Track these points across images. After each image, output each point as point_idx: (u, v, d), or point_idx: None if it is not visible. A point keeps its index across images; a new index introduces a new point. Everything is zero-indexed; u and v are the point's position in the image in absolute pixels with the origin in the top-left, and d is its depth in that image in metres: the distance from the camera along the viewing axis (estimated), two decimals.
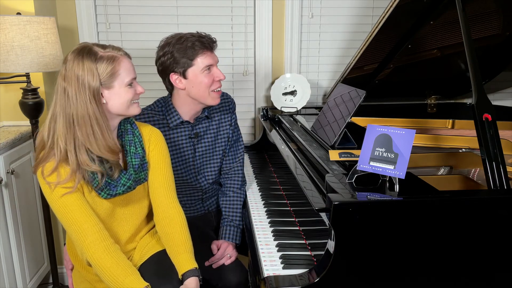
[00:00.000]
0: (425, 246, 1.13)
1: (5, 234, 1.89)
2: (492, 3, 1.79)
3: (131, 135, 1.42)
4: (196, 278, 1.35)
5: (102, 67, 1.26)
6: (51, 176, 1.27)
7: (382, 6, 2.46)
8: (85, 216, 1.29)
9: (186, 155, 1.74)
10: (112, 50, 1.30)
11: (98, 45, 1.31)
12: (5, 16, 1.80)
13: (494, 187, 1.20)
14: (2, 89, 2.15)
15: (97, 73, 1.25)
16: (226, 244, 1.63)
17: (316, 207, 1.19)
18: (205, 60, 1.60)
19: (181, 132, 1.72)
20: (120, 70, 1.29)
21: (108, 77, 1.27)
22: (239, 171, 1.85)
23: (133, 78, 1.34)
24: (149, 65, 2.43)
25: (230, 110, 1.83)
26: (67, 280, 2.45)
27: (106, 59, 1.27)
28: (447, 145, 1.92)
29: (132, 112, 1.36)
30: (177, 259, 1.39)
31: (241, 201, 1.79)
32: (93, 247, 1.28)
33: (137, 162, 1.40)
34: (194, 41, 1.58)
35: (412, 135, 1.16)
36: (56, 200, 1.29)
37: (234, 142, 1.85)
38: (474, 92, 1.32)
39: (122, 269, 1.28)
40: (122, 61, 1.30)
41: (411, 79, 2.23)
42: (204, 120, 1.76)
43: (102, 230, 1.31)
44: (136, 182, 1.41)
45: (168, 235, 1.43)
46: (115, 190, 1.35)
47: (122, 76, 1.30)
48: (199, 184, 1.79)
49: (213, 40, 1.64)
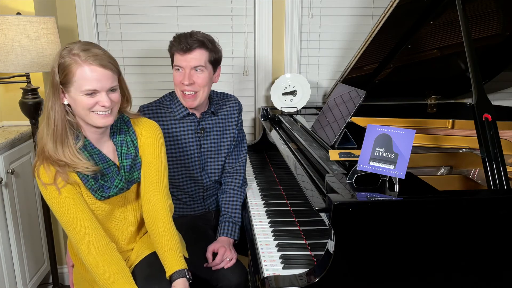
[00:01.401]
0: (425, 246, 1.13)
1: (5, 234, 1.89)
2: (492, 3, 1.79)
3: (123, 134, 1.42)
4: (184, 279, 1.34)
5: (63, 66, 1.24)
6: (43, 176, 1.28)
7: (382, 6, 2.46)
8: (81, 216, 1.30)
9: (192, 149, 1.77)
10: (81, 52, 1.23)
11: (82, 47, 1.26)
12: (5, 16, 1.80)
13: (494, 187, 1.20)
14: (2, 89, 2.15)
15: (58, 71, 1.25)
16: (224, 249, 1.59)
17: (316, 207, 1.19)
18: (176, 62, 1.66)
19: (187, 125, 1.75)
20: (74, 78, 1.23)
21: (65, 79, 1.25)
22: (241, 171, 1.86)
23: (93, 90, 1.25)
24: (149, 65, 2.44)
25: (237, 111, 1.87)
26: (67, 280, 2.46)
27: (69, 60, 1.24)
28: (447, 145, 1.92)
29: (94, 122, 1.30)
30: (164, 259, 1.38)
31: (241, 199, 1.80)
32: (87, 247, 1.28)
33: (128, 163, 1.40)
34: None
35: (412, 135, 1.16)
36: (53, 200, 1.30)
37: (238, 142, 1.88)
38: (474, 92, 1.32)
39: (113, 272, 1.27)
40: (81, 67, 1.23)
41: (411, 79, 2.23)
42: (210, 116, 1.80)
43: (97, 230, 1.31)
44: (129, 183, 1.41)
45: (154, 233, 1.41)
46: (108, 192, 1.35)
47: (78, 83, 1.24)
48: (201, 180, 1.80)
49: (192, 42, 1.63)
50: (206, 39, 1.65)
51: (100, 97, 1.27)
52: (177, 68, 1.66)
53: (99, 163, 1.35)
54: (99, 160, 1.36)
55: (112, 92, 1.30)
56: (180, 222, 1.68)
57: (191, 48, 1.61)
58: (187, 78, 1.63)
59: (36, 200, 2.17)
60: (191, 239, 1.62)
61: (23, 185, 2.03)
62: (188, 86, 1.65)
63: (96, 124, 1.30)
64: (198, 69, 1.64)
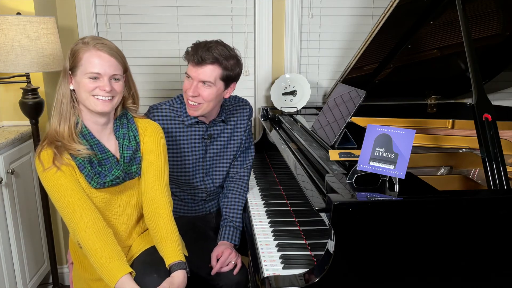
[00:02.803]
0: (425, 246, 1.13)
1: (5, 234, 1.89)
2: (492, 3, 1.79)
3: (126, 129, 1.46)
4: (184, 271, 1.34)
5: (74, 52, 1.35)
6: (44, 158, 1.33)
7: (382, 6, 2.46)
8: (78, 199, 1.33)
9: (197, 155, 1.75)
10: (92, 41, 1.34)
11: (94, 37, 1.38)
12: (5, 16, 1.80)
13: (494, 187, 1.20)
14: (2, 89, 2.15)
15: (68, 57, 1.36)
16: (228, 251, 1.58)
17: (316, 207, 1.19)
18: (188, 70, 1.62)
19: (195, 131, 1.73)
20: (82, 61, 1.33)
21: (74, 63, 1.34)
22: (245, 177, 1.85)
23: (97, 73, 1.33)
24: (149, 65, 2.44)
25: (247, 116, 1.83)
26: (67, 280, 2.46)
27: (78, 47, 1.34)
28: (447, 145, 1.92)
29: (93, 107, 1.36)
30: (163, 250, 1.39)
31: (242, 204, 1.78)
32: (84, 228, 1.30)
33: (129, 154, 1.43)
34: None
35: (412, 135, 1.16)
36: (50, 183, 1.33)
37: (245, 148, 1.85)
38: (474, 92, 1.32)
39: (108, 253, 1.29)
40: (89, 51, 1.33)
41: (411, 79, 2.23)
42: (220, 123, 1.77)
43: (94, 213, 1.34)
44: (126, 175, 1.43)
45: (154, 228, 1.43)
46: (104, 179, 1.38)
47: (84, 66, 1.33)
48: (204, 185, 1.79)
49: (206, 56, 1.56)
50: (222, 56, 1.56)
51: (102, 82, 1.34)
52: (187, 76, 1.62)
53: (97, 153, 1.39)
54: (98, 150, 1.40)
55: (115, 81, 1.37)
56: (180, 222, 1.66)
57: (203, 62, 1.55)
58: (193, 89, 1.58)
59: (36, 200, 2.17)
60: (191, 239, 1.62)
61: (23, 185, 2.03)
62: (192, 97, 1.60)
63: (95, 108, 1.36)
64: (206, 84, 1.58)
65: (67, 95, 1.37)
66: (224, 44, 1.60)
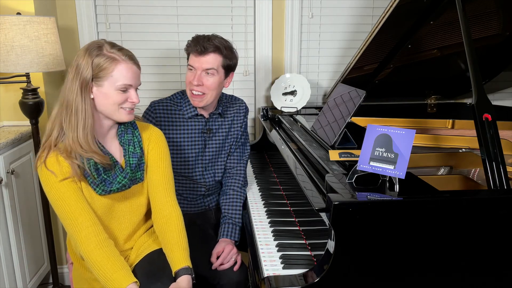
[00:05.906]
0: (425, 246, 1.13)
1: (5, 234, 1.89)
2: (492, 3, 1.79)
3: (131, 135, 1.45)
4: (189, 277, 1.35)
5: (99, 63, 1.30)
6: (52, 166, 1.30)
7: (382, 6, 2.46)
8: (81, 209, 1.31)
9: (196, 149, 1.79)
10: (117, 52, 1.32)
11: (111, 44, 1.34)
12: (5, 16, 1.80)
13: (494, 187, 1.20)
14: (2, 89, 2.15)
15: (91, 67, 1.29)
16: (230, 247, 1.60)
17: (316, 207, 1.19)
18: (190, 61, 1.71)
19: (194, 125, 1.78)
20: (114, 72, 1.31)
21: (100, 74, 1.30)
22: (242, 172, 1.87)
23: (129, 85, 1.34)
24: (149, 65, 2.44)
25: (243, 113, 1.90)
26: (67, 280, 2.46)
27: (105, 57, 1.30)
28: (447, 145, 1.92)
29: (120, 118, 1.37)
30: (171, 256, 1.40)
31: (241, 200, 1.80)
32: (86, 241, 1.30)
33: (134, 161, 1.42)
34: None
35: (412, 135, 1.16)
36: (53, 192, 1.31)
37: (241, 144, 1.89)
38: (474, 92, 1.32)
39: (112, 264, 1.29)
40: (120, 64, 1.31)
41: (411, 79, 2.23)
42: (218, 117, 1.82)
43: (96, 224, 1.33)
44: (131, 181, 1.42)
45: (165, 233, 1.44)
46: (110, 187, 1.37)
47: (114, 78, 1.31)
48: (204, 180, 1.82)
49: (208, 45, 1.67)
50: (222, 45, 1.68)
51: (130, 93, 1.35)
52: (190, 68, 1.71)
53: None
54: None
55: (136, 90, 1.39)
56: None
57: (206, 51, 1.65)
58: (197, 79, 1.67)
59: (36, 200, 2.17)
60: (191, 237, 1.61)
61: (23, 185, 2.03)
62: (197, 87, 1.68)
63: (122, 119, 1.37)
64: (209, 72, 1.67)
65: (89, 106, 1.31)
66: (221, 36, 1.73)
